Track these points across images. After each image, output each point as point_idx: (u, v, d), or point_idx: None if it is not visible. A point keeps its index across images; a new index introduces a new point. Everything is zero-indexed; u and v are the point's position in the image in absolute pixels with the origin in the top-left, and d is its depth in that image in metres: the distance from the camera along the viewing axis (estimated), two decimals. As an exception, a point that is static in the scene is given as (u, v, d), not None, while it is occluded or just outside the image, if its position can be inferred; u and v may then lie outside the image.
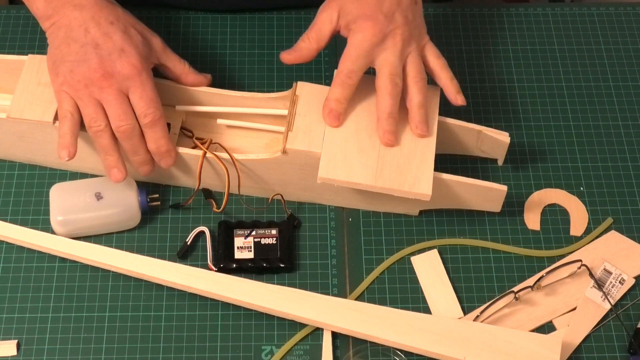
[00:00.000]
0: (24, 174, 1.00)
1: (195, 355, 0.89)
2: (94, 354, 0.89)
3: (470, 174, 1.00)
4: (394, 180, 0.90)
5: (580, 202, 1.00)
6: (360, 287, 0.94)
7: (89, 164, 0.98)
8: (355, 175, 0.90)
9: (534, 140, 1.04)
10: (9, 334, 0.90)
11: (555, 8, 1.15)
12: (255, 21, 1.12)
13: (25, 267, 0.94)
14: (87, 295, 0.92)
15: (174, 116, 1.00)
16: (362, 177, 0.90)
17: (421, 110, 0.92)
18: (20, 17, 1.11)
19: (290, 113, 0.94)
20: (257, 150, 1.00)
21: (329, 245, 0.96)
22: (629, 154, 1.03)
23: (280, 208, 0.98)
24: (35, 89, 0.95)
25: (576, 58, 1.11)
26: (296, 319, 0.90)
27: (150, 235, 0.96)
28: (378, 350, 0.90)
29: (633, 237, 0.97)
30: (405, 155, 0.92)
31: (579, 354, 0.90)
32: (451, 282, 0.94)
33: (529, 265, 0.96)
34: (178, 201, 0.98)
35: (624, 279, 0.94)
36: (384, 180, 0.90)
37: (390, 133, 0.91)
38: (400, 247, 0.96)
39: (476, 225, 0.98)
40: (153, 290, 0.93)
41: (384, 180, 0.90)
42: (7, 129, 0.95)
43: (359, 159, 0.91)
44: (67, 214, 0.94)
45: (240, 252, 0.94)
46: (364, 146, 0.92)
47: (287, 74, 1.08)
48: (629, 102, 1.08)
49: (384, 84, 0.91)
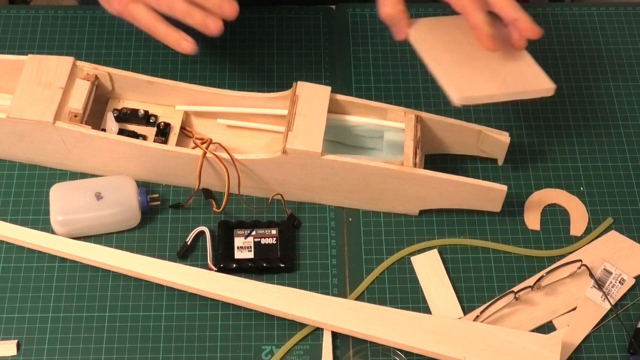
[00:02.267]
0: (24, 174, 1.00)
1: (195, 355, 0.89)
2: (94, 354, 0.89)
3: (470, 174, 1.00)
4: (518, 84, 0.92)
5: (580, 202, 1.00)
6: (360, 287, 0.94)
7: (89, 164, 0.98)
8: (486, 89, 0.91)
9: (534, 140, 1.04)
10: (9, 334, 0.90)
11: (555, 8, 1.15)
12: (255, 21, 1.12)
13: (25, 267, 0.94)
14: (87, 295, 0.92)
15: (174, 116, 1.00)
16: (493, 88, 0.91)
17: (518, 10, 0.91)
18: (20, 17, 1.11)
19: (290, 113, 0.94)
20: (257, 150, 1.00)
21: (329, 245, 0.96)
22: (629, 154, 1.03)
23: (280, 208, 0.98)
24: (35, 89, 0.95)
25: (576, 58, 1.11)
26: (296, 319, 0.91)
27: (150, 235, 0.96)
28: (378, 350, 0.90)
29: (633, 237, 0.97)
30: (510, 61, 0.93)
31: (579, 354, 0.90)
32: (451, 282, 0.94)
33: (529, 265, 0.96)
34: (178, 201, 0.98)
35: (624, 279, 0.94)
36: (511, 86, 0.92)
37: (491, 36, 0.89)
38: (400, 247, 0.96)
39: (476, 225, 0.98)
40: (153, 290, 0.93)
41: (510, 86, 0.92)
42: (7, 129, 0.95)
43: (477, 76, 0.92)
44: (67, 214, 0.94)
45: (240, 252, 0.94)
46: (473, 65, 0.93)
47: (287, 74, 1.08)
48: (629, 102, 1.08)
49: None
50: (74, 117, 0.95)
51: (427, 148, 0.99)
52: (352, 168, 0.93)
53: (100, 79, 0.99)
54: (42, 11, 1.12)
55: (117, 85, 1.00)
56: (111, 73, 0.99)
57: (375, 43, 1.11)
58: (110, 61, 1.06)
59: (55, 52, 1.08)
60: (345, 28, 1.13)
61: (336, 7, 1.15)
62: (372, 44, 1.11)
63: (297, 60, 1.09)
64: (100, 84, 0.99)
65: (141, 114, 1.00)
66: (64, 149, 0.97)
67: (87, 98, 0.96)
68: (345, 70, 1.09)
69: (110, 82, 0.99)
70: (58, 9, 1.13)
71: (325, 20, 1.13)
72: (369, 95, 1.06)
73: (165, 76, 1.00)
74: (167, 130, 0.99)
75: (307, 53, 1.10)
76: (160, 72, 1.06)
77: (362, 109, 0.98)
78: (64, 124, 0.94)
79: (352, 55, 1.10)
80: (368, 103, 0.97)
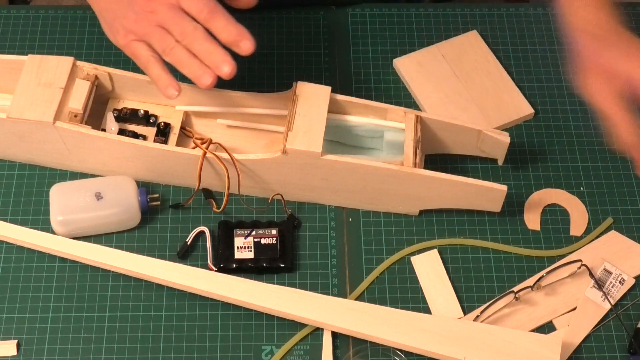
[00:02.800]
0: (24, 174, 1.00)
1: (195, 355, 0.89)
2: (94, 354, 0.89)
3: (470, 174, 1.00)
4: (502, 117, 1.03)
5: (580, 202, 1.00)
6: (360, 287, 0.94)
7: (89, 164, 0.98)
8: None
9: (534, 140, 1.04)
10: (9, 334, 0.90)
11: (555, 8, 1.15)
12: (256, 21, 1.12)
13: (25, 267, 0.94)
14: (87, 295, 0.92)
15: (174, 116, 1.00)
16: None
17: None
18: (20, 17, 1.11)
19: (290, 113, 0.94)
20: (257, 150, 1.00)
21: (329, 245, 0.96)
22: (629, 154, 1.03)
23: (280, 208, 0.98)
24: (35, 89, 0.95)
25: (576, 58, 1.11)
26: (296, 319, 0.91)
27: (150, 235, 0.96)
28: (378, 350, 0.90)
29: (633, 237, 0.97)
30: (493, 92, 1.05)
31: (579, 354, 0.90)
32: (451, 282, 0.94)
33: (529, 265, 0.96)
34: (178, 201, 0.98)
35: (624, 279, 0.94)
36: (496, 121, 1.03)
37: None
38: (400, 247, 0.96)
39: (476, 225, 0.98)
40: (153, 290, 0.93)
41: (495, 121, 1.03)
42: (7, 129, 0.95)
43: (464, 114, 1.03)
44: (67, 214, 0.94)
45: (240, 252, 0.94)
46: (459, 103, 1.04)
47: (287, 74, 1.08)
48: (629, 102, 1.08)
49: None
50: (74, 117, 0.95)
51: (427, 148, 0.99)
52: (352, 168, 0.93)
53: (100, 79, 0.99)
54: (42, 11, 1.12)
55: (117, 85, 1.00)
56: (111, 73, 0.99)
57: (375, 43, 1.11)
58: (110, 61, 1.06)
59: (55, 52, 1.08)
60: (345, 28, 1.13)
61: (336, 7, 1.15)
62: (372, 44, 1.11)
63: (297, 60, 1.09)
64: (100, 84, 0.99)
65: (141, 114, 1.00)
66: (64, 149, 0.97)
67: (87, 98, 0.96)
68: (345, 70, 1.09)
69: (110, 82, 0.99)
70: (58, 9, 1.13)
71: (325, 20, 1.13)
72: (369, 95, 1.06)
73: (165, 76, 1.00)
74: (167, 130, 0.99)
75: (307, 53, 1.10)
76: (160, 72, 1.06)
77: (362, 109, 0.98)
78: (64, 124, 0.94)
79: (352, 55, 1.10)
80: (368, 103, 0.97)
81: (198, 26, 0.88)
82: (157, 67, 0.90)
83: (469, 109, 1.04)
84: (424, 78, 1.07)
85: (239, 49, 0.88)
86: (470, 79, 1.06)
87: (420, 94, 1.05)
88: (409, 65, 1.07)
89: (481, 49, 1.09)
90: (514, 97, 1.05)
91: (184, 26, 0.88)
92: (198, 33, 0.87)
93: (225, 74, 0.88)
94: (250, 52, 0.88)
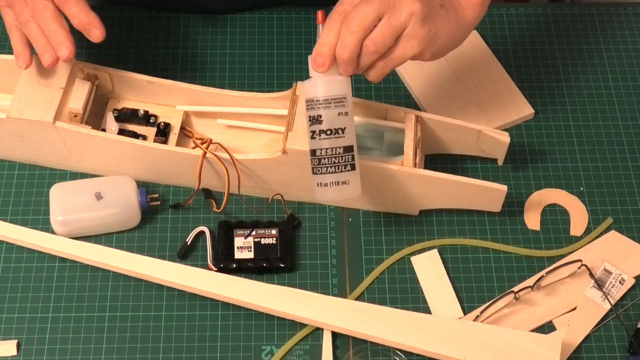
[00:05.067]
0: (24, 174, 1.00)
1: (195, 355, 0.89)
2: (94, 354, 0.89)
3: (470, 174, 1.00)
4: (502, 116, 1.03)
5: (580, 202, 1.00)
6: (360, 287, 0.94)
7: (89, 164, 0.98)
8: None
9: (534, 140, 1.04)
10: (9, 334, 0.90)
11: (555, 8, 1.15)
12: (255, 21, 1.12)
13: (25, 267, 0.94)
14: (87, 295, 0.92)
15: (174, 116, 1.00)
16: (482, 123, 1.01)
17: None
18: (20, 17, 1.11)
19: (290, 113, 0.94)
20: (257, 150, 1.00)
21: (329, 245, 0.96)
22: (629, 154, 1.03)
23: (280, 208, 0.98)
24: (35, 89, 0.95)
25: (576, 58, 1.11)
26: (296, 319, 0.91)
27: (150, 235, 0.96)
28: (378, 350, 0.90)
29: (633, 237, 0.97)
30: (493, 91, 1.04)
31: (579, 354, 0.90)
32: (451, 282, 0.94)
33: (529, 265, 0.96)
34: (178, 201, 0.98)
35: (624, 279, 0.94)
36: (496, 121, 1.03)
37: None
38: (400, 247, 0.96)
39: (476, 225, 0.98)
40: (153, 290, 0.93)
41: (495, 121, 1.03)
42: (7, 129, 0.95)
43: (465, 115, 1.03)
44: (67, 214, 0.94)
45: (240, 252, 0.94)
46: (460, 104, 1.04)
47: (287, 74, 1.08)
48: (629, 102, 1.08)
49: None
50: (74, 117, 0.95)
51: (427, 148, 0.99)
52: (352, 168, 0.93)
53: (100, 79, 0.99)
54: (42, 11, 1.12)
55: (117, 85, 1.00)
56: (111, 73, 0.99)
57: (375, 43, 1.11)
58: (110, 61, 1.06)
59: (55, 52, 1.07)
60: (345, 28, 1.13)
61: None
62: (372, 44, 1.11)
63: (297, 60, 1.09)
64: (100, 84, 0.99)
65: (141, 114, 1.00)
66: (64, 149, 0.97)
67: (87, 98, 0.96)
68: (345, 70, 1.09)
69: (110, 82, 0.99)
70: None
71: (325, 20, 1.13)
72: (369, 95, 1.06)
73: (165, 76, 1.00)
74: (167, 130, 0.99)
75: (307, 53, 1.10)
76: (160, 72, 1.06)
77: (362, 109, 0.98)
78: (64, 124, 0.94)
79: (352, 55, 1.10)
80: (368, 103, 0.97)
81: (48, 5, 0.91)
82: (16, 35, 0.93)
83: (469, 109, 1.04)
84: (424, 78, 1.07)
85: (89, 36, 0.91)
86: (470, 79, 1.06)
87: (420, 94, 1.05)
88: (409, 65, 1.07)
89: (481, 49, 1.09)
90: (514, 97, 1.05)
91: (36, 3, 0.91)
92: (46, 12, 0.91)
93: (62, 57, 0.91)
94: (100, 40, 0.91)
